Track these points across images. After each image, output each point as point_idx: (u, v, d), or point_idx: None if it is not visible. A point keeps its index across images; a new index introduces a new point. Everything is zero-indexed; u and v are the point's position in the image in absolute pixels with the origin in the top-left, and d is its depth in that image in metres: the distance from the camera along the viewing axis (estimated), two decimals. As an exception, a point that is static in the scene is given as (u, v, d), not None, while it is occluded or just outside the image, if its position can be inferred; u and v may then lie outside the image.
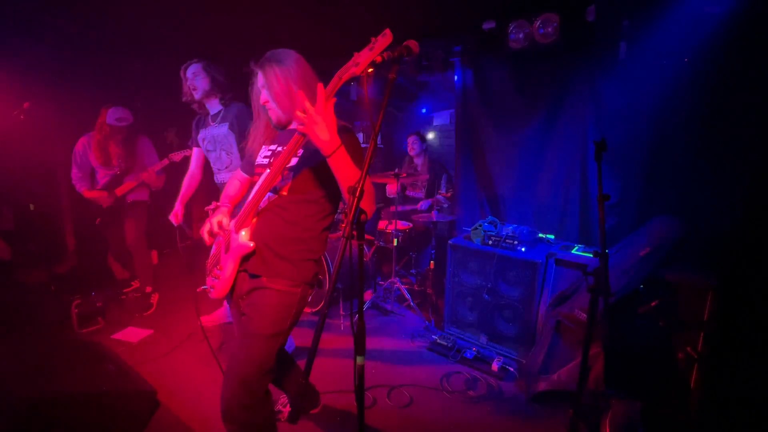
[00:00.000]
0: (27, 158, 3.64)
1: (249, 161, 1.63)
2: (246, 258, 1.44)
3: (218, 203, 1.61)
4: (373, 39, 1.17)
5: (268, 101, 1.45)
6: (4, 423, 1.61)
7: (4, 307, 3.09)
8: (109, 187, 3.29)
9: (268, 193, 1.44)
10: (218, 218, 1.51)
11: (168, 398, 2.18)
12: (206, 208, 1.61)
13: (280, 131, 1.55)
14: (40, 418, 1.64)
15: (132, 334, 2.95)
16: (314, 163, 1.42)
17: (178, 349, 2.75)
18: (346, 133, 1.32)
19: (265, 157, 1.52)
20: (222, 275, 1.48)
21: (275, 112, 1.46)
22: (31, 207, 3.75)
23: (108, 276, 3.98)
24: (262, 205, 1.45)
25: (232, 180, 1.72)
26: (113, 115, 3.13)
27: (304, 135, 1.28)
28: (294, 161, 1.42)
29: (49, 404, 1.67)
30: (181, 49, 3.97)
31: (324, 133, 1.16)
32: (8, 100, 3.26)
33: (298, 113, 1.16)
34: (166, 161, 3.28)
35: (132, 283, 3.72)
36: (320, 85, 1.17)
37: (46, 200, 3.96)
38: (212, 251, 1.63)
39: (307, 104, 1.14)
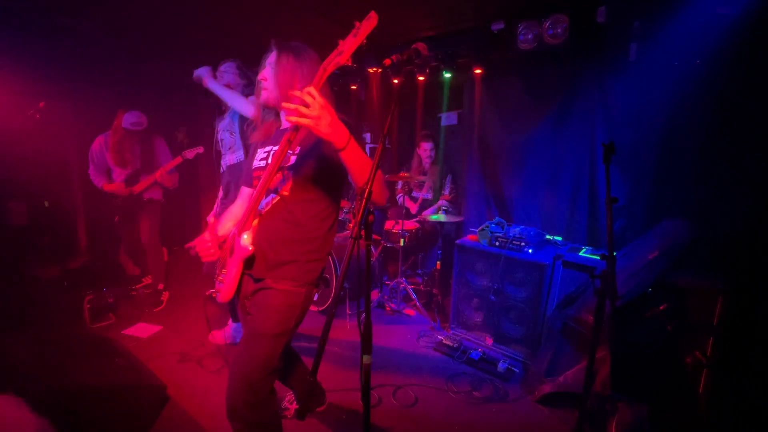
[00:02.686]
0: (42, 156, 3.72)
1: (247, 170, 1.58)
2: (248, 261, 1.43)
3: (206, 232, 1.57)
4: (357, 23, 1.10)
5: (266, 79, 1.42)
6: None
7: (18, 301, 3.16)
8: (128, 183, 3.39)
9: (271, 195, 1.41)
10: (203, 238, 1.50)
11: (177, 393, 2.21)
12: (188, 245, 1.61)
13: (276, 129, 1.53)
14: (54, 410, 1.68)
15: (142, 330, 3.00)
16: (314, 160, 1.38)
17: (188, 345, 2.79)
18: (347, 125, 1.25)
19: (261, 159, 1.49)
20: (226, 278, 1.47)
21: (268, 92, 1.44)
22: (46, 204, 3.83)
23: (119, 272, 4.06)
24: (266, 207, 1.42)
25: (236, 203, 1.66)
26: (128, 120, 3.25)
27: (293, 136, 1.25)
28: (293, 160, 1.39)
29: (62, 397, 1.71)
30: (193, 50, 4.02)
31: (332, 125, 1.09)
32: (24, 99, 3.34)
33: (290, 113, 1.10)
34: (179, 159, 3.36)
35: (143, 279, 3.78)
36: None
37: (60, 197, 4.05)
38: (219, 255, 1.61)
39: (311, 94, 1.05)
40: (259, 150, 1.53)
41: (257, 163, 1.51)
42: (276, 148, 1.42)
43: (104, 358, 2.12)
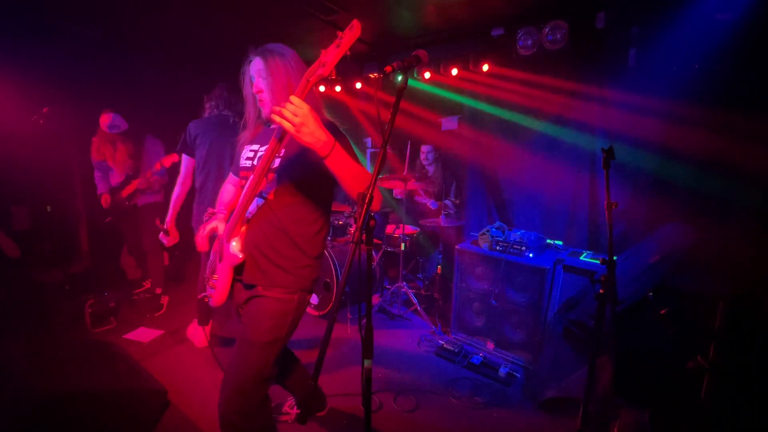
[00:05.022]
0: (44, 161, 3.75)
1: (235, 162, 1.58)
2: (238, 268, 1.41)
3: (214, 210, 1.58)
4: (339, 33, 1.08)
5: (262, 91, 1.39)
6: (20, 418, 1.66)
7: (21, 306, 3.17)
8: (120, 187, 3.43)
9: (257, 199, 1.39)
10: (212, 225, 1.49)
11: (177, 398, 2.21)
12: (204, 216, 1.60)
13: (264, 127, 1.52)
14: (55, 414, 1.68)
15: (143, 335, 3.00)
16: (298, 164, 1.36)
17: (188, 350, 2.79)
18: (334, 130, 1.23)
19: (248, 159, 1.46)
20: (218, 284, 1.45)
21: (268, 104, 1.40)
22: (48, 209, 3.85)
23: (120, 276, 4.07)
24: (252, 211, 1.40)
25: (225, 185, 1.68)
26: (104, 122, 3.26)
27: (280, 139, 1.23)
28: (276, 162, 1.36)
29: (64, 401, 1.71)
30: (194, 54, 4.06)
31: (314, 132, 1.08)
32: (28, 104, 3.37)
33: (275, 117, 1.09)
34: (157, 165, 3.28)
35: (143, 283, 3.79)
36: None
37: (62, 202, 4.06)
38: (210, 258, 1.59)
39: (293, 102, 1.07)
40: (245, 147, 1.51)
41: (243, 162, 1.48)
42: (262, 148, 1.41)
43: (105, 363, 2.12)
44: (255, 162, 1.42)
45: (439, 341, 2.89)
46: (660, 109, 2.50)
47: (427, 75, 3.77)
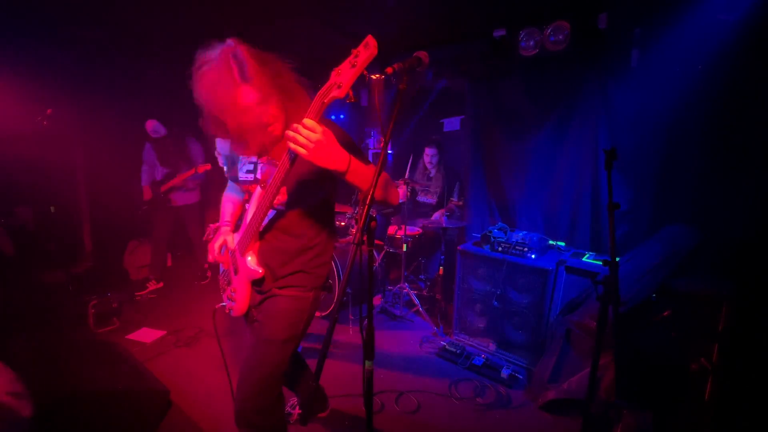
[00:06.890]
0: (48, 162, 3.78)
1: (232, 170, 1.54)
2: (257, 281, 1.42)
3: (217, 224, 1.58)
4: (354, 51, 1.03)
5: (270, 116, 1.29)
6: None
7: (23, 306, 3.19)
8: (162, 182, 3.75)
9: (270, 211, 1.38)
10: (220, 241, 1.51)
11: (180, 398, 2.21)
12: (209, 233, 1.61)
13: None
14: (57, 414, 1.69)
15: (146, 335, 3.01)
16: (310, 176, 1.35)
17: (191, 351, 2.80)
18: (344, 140, 1.21)
19: (248, 172, 1.44)
20: (237, 297, 1.48)
21: (271, 135, 1.32)
22: (52, 209, 3.87)
23: (123, 277, 4.09)
24: (263, 222, 1.40)
25: (226, 194, 1.66)
26: (148, 127, 3.64)
27: (292, 160, 1.19)
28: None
29: (67, 401, 1.72)
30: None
31: (331, 154, 1.07)
32: (32, 106, 3.39)
33: (290, 144, 1.06)
34: (192, 171, 3.65)
35: (147, 285, 3.82)
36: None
37: (66, 202, 4.09)
38: (222, 267, 1.60)
39: (307, 125, 1.04)
40: (242, 158, 1.47)
41: (244, 175, 1.46)
42: (259, 160, 1.40)
43: (108, 363, 2.14)
44: (257, 175, 1.42)
45: (441, 342, 2.89)
46: (663, 109, 2.49)
47: (428, 76, 3.77)
